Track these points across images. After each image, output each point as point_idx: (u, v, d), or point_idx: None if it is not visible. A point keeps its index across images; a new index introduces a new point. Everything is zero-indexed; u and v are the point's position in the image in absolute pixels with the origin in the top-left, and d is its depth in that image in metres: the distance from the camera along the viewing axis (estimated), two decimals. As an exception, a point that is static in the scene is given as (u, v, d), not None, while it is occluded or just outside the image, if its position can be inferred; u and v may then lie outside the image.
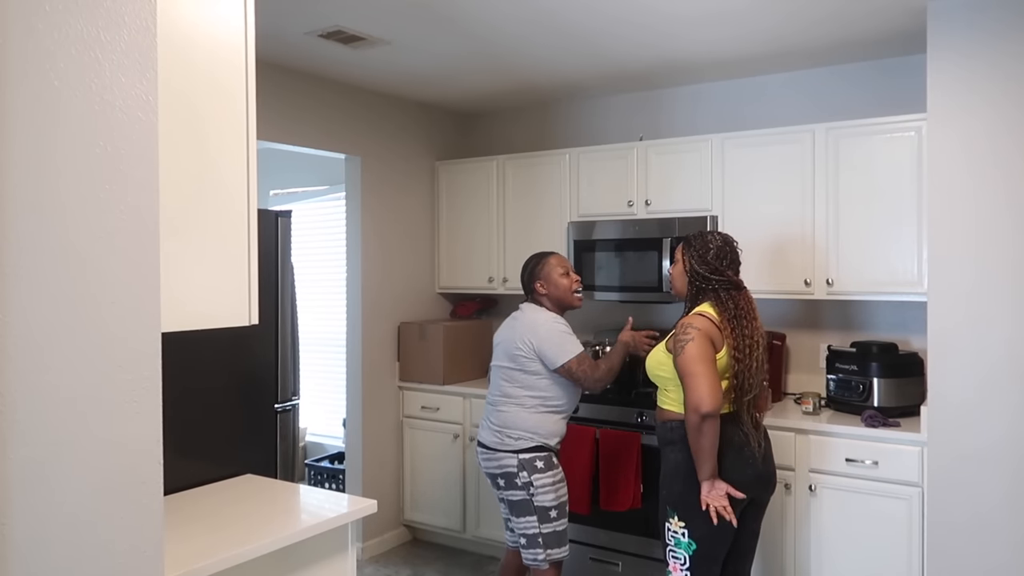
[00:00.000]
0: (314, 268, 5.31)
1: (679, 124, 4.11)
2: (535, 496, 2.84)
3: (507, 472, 2.86)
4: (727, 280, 2.57)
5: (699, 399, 2.37)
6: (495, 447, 2.89)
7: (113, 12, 1.29)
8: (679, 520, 2.51)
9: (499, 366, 2.96)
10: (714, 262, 2.57)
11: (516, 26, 3.18)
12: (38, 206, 1.21)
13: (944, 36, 2.88)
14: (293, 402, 2.82)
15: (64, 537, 1.25)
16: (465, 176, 4.50)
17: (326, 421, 5.45)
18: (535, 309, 2.98)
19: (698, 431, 2.40)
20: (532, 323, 2.91)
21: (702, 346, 2.43)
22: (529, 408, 2.88)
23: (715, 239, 2.61)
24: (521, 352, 2.87)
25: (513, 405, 2.89)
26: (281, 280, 2.77)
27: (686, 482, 2.49)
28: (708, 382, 2.39)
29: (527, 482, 2.84)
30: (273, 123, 3.69)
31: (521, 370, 2.88)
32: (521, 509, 2.86)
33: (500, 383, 2.94)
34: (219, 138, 1.80)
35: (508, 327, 2.99)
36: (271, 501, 2.29)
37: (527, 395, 2.89)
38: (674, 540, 2.52)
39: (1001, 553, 2.79)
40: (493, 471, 2.91)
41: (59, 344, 1.24)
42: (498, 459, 2.87)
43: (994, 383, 2.80)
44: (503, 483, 2.88)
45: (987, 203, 2.82)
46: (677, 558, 2.52)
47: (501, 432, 2.88)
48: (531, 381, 2.88)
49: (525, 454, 2.85)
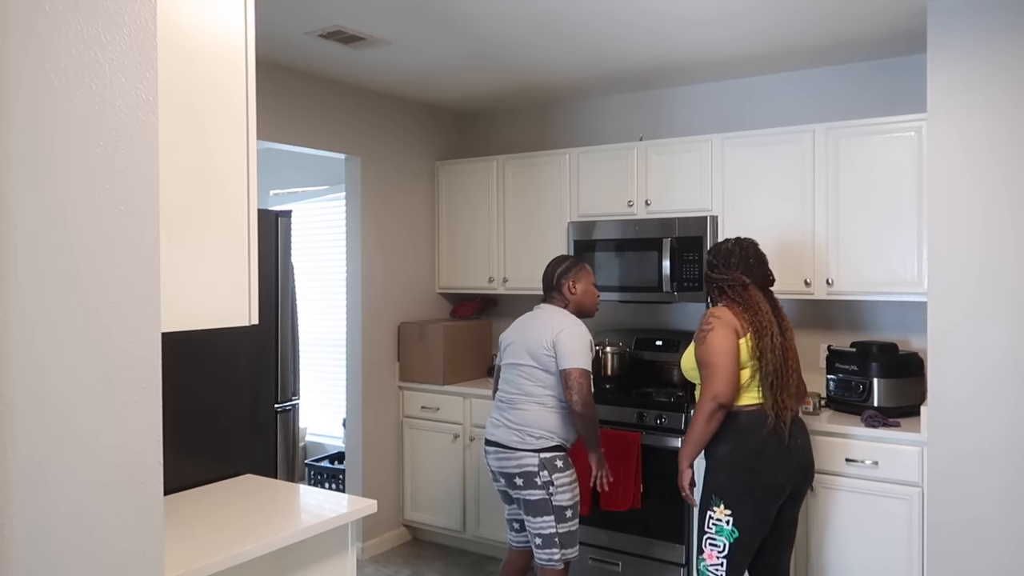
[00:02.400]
0: (314, 268, 5.31)
1: (679, 124, 4.11)
2: (554, 496, 2.82)
3: (527, 471, 2.82)
4: (730, 279, 2.70)
5: (719, 388, 2.54)
6: (515, 446, 2.84)
7: (113, 12, 1.29)
8: (725, 508, 2.57)
9: (518, 364, 2.91)
10: (720, 264, 2.73)
11: (516, 26, 3.18)
12: (38, 206, 1.21)
13: (944, 36, 2.88)
14: (293, 402, 2.82)
15: (64, 537, 1.25)
16: (465, 176, 4.50)
17: (326, 421, 5.45)
18: (561, 311, 2.97)
19: (710, 417, 2.56)
20: (561, 323, 2.89)
21: (723, 335, 2.58)
22: (551, 408, 2.86)
23: (727, 243, 2.79)
24: (547, 351, 2.85)
25: (534, 404, 2.86)
26: (281, 280, 2.77)
27: (734, 471, 2.58)
28: (728, 372, 2.56)
29: (547, 481, 2.81)
30: (273, 123, 3.69)
31: (545, 370, 2.86)
32: (539, 509, 2.83)
33: (520, 381, 2.90)
34: (219, 138, 1.80)
35: (528, 326, 2.96)
36: (271, 501, 2.29)
37: (549, 394, 2.87)
38: (716, 528, 2.58)
39: (1001, 553, 2.79)
40: (511, 470, 2.86)
41: (59, 344, 1.24)
42: (518, 458, 2.83)
43: (994, 383, 2.80)
44: (521, 482, 2.84)
45: (987, 203, 2.82)
46: (716, 545, 2.57)
47: (522, 431, 2.85)
48: (551, 381, 2.86)
49: (546, 453, 2.83)
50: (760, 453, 2.57)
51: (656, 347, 4.02)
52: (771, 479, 2.58)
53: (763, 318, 2.63)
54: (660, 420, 3.50)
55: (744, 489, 2.56)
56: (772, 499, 2.60)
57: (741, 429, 2.59)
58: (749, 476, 2.57)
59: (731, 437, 2.60)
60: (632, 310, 4.21)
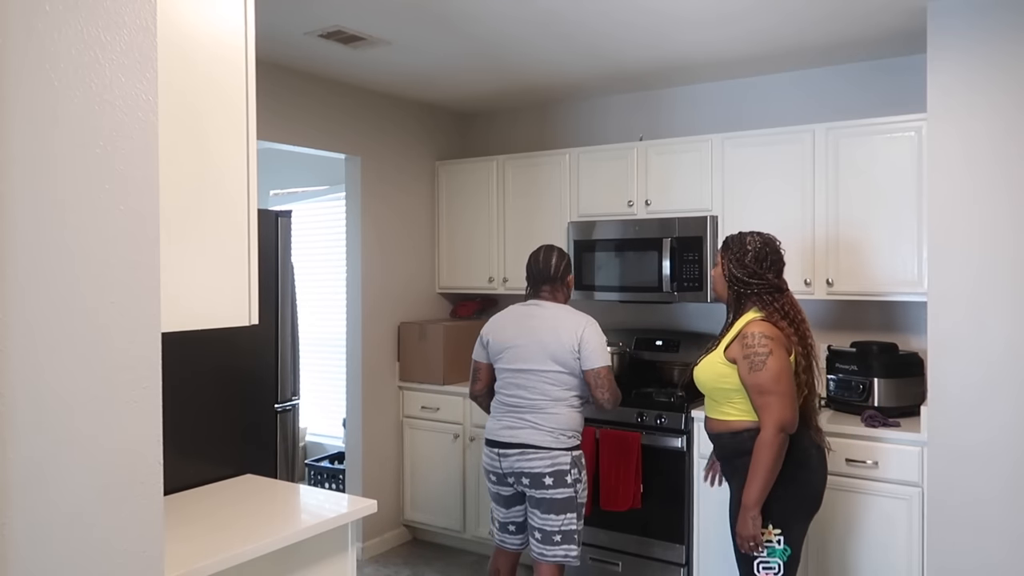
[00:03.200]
0: (314, 268, 5.31)
1: (679, 124, 4.11)
2: (579, 493, 2.86)
3: (559, 470, 2.81)
4: (767, 283, 2.50)
5: (787, 417, 2.34)
6: (550, 445, 2.82)
7: (113, 12, 1.29)
8: (774, 528, 2.39)
9: (539, 370, 2.86)
10: (752, 265, 2.50)
11: (516, 27, 3.18)
12: (38, 206, 1.21)
13: (944, 36, 2.88)
14: (293, 402, 2.82)
15: (64, 537, 1.25)
16: (465, 176, 4.50)
17: (326, 421, 5.44)
18: (563, 308, 2.95)
19: (776, 449, 2.34)
20: (577, 322, 2.87)
21: (780, 358, 2.37)
22: (576, 408, 2.90)
23: (754, 241, 2.54)
24: (574, 355, 2.83)
25: (564, 407, 2.86)
26: (281, 280, 2.76)
27: (780, 488, 2.38)
28: (790, 399, 2.36)
29: (576, 479, 2.84)
30: (273, 123, 3.69)
31: (571, 373, 2.86)
32: (564, 506, 2.82)
33: (545, 387, 2.86)
34: (219, 138, 1.80)
35: (536, 328, 2.89)
36: (271, 501, 2.29)
37: (573, 395, 2.89)
38: (768, 550, 2.39)
39: (1001, 552, 2.79)
40: (540, 470, 2.82)
41: (59, 344, 1.24)
42: (552, 457, 2.81)
43: (994, 383, 2.80)
44: (551, 481, 2.81)
45: (987, 203, 2.82)
46: (771, 568, 2.40)
47: (555, 432, 2.84)
48: (575, 382, 2.88)
49: (575, 451, 2.87)
50: (804, 465, 2.45)
51: (656, 347, 4.02)
52: (817, 489, 2.49)
53: (808, 330, 2.48)
54: (660, 420, 3.50)
55: (794, 504, 2.42)
56: (817, 508, 2.51)
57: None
58: (797, 490, 2.43)
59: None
60: (632, 310, 4.21)
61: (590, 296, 4.00)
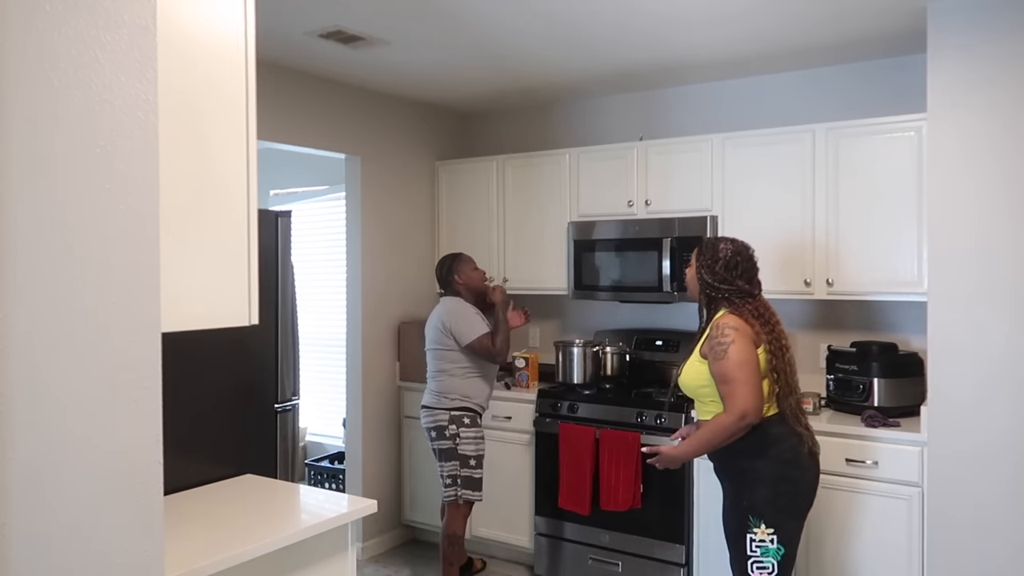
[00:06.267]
0: (314, 268, 5.31)
1: (679, 124, 4.11)
2: (459, 445, 3.45)
3: (439, 425, 3.48)
4: (737, 289, 2.53)
5: (746, 405, 2.38)
6: (433, 405, 3.52)
7: (113, 12, 1.29)
8: (767, 527, 2.42)
9: (431, 349, 3.58)
10: (722, 272, 2.54)
11: (516, 27, 3.18)
12: (38, 206, 1.21)
13: (944, 36, 2.88)
14: (293, 402, 2.82)
15: (64, 537, 1.25)
16: (465, 176, 4.50)
17: (326, 421, 5.44)
18: (452, 299, 3.56)
19: (730, 433, 2.41)
20: (447, 310, 3.53)
21: (744, 347, 2.41)
22: (458, 376, 3.51)
23: (726, 248, 2.57)
24: (442, 333, 3.50)
25: (446, 376, 3.51)
26: (281, 280, 2.77)
27: (771, 487, 2.43)
28: (753, 388, 2.39)
29: (454, 433, 3.46)
30: (273, 123, 3.69)
31: (445, 348, 3.51)
32: (447, 455, 3.47)
33: (434, 361, 3.57)
34: (219, 138, 1.80)
35: (431, 316, 3.60)
36: (271, 501, 2.29)
37: (455, 366, 3.51)
38: (761, 549, 2.42)
39: (1001, 552, 2.79)
40: (429, 425, 3.52)
41: (58, 345, 1.24)
42: (434, 415, 3.50)
43: (994, 383, 2.80)
44: (435, 435, 3.49)
45: (987, 203, 2.82)
46: (764, 567, 2.42)
47: (439, 395, 3.51)
48: (454, 356, 3.50)
49: (455, 411, 3.48)
50: (794, 463, 2.46)
51: (656, 347, 4.02)
52: (809, 487, 2.49)
53: (778, 328, 2.52)
54: (660, 420, 3.50)
55: (786, 503, 2.44)
56: (809, 507, 2.51)
57: (772, 442, 2.45)
58: (789, 488, 2.44)
59: (762, 452, 2.44)
60: (632, 310, 4.21)
61: (590, 296, 4.00)
